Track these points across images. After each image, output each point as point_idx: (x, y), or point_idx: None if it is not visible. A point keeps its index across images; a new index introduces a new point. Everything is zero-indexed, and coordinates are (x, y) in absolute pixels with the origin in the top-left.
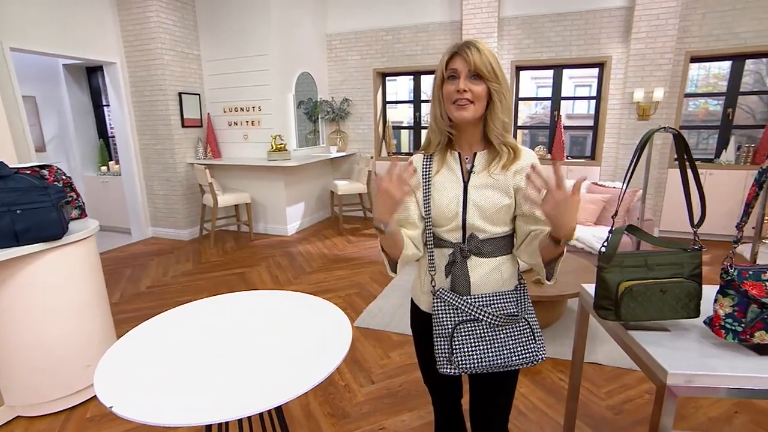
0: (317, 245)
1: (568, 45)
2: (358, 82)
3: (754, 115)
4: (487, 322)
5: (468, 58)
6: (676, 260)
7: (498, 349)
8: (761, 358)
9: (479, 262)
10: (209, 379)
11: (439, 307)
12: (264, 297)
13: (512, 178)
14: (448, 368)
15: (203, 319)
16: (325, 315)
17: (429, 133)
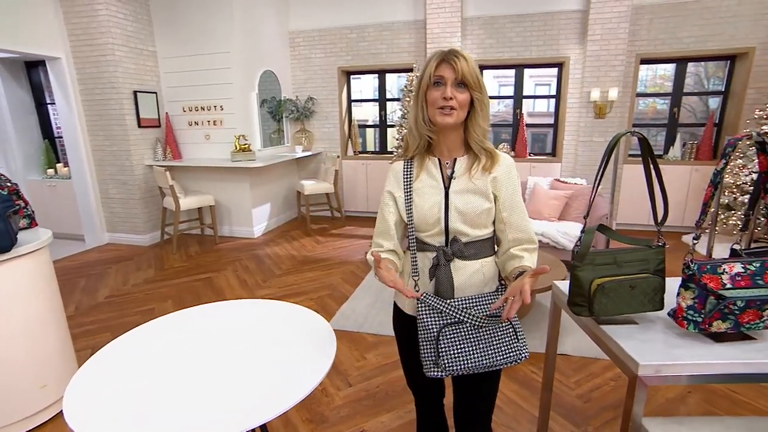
0: (285, 247)
1: (528, 45)
2: (322, 80)
3: (695, 114)
4: (470, 323)
5: (456, 67)
6: (643, 257)
7: (482, 350)
8: (717, 346)
9: (462, 264)
10: (187, 398)
11: (424, 312)
12: (239, 307)
13: (491, 183)
14: (435, 371)
15: (177, 333)
16: (305, 323)
17: (408, 136)
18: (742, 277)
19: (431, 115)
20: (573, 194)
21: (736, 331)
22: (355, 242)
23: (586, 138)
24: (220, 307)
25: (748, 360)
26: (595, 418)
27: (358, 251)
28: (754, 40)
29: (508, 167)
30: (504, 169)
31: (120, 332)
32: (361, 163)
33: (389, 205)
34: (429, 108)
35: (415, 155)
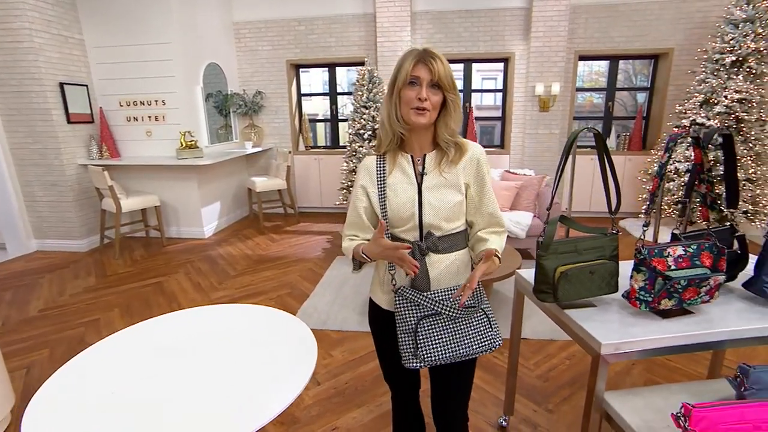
0: (239, 246)
1: (476, 41)
2: (270, 74)
3: (626, 107)
4: (447, 315)
5: (433, 69)
6: (599, 244)
7: (459, 339)
8: (665, 321)
9: (437, 258)
10: (163, 414)
11: (402, 305)
12: (206, 314)
13: (462, 174)
14: (414, 363)
15: (145, 346)
16: (279, 327)
17: (380, 132)
18: (683, 258)
19: (405, 114)
20: (523, 185)
21: (680, 307)
22: (311, 239)
23: (532, 130)
24: (184, 315)
25: (689, 332)
26: (554, 395)
27: (314, 248)
28: (673, 42)
29: (477, 154)
30: (474, 156)
31: (62, 347)
32: (313, 158)
33: (362, 200)
34: (403, 107)
35: (388, 151)
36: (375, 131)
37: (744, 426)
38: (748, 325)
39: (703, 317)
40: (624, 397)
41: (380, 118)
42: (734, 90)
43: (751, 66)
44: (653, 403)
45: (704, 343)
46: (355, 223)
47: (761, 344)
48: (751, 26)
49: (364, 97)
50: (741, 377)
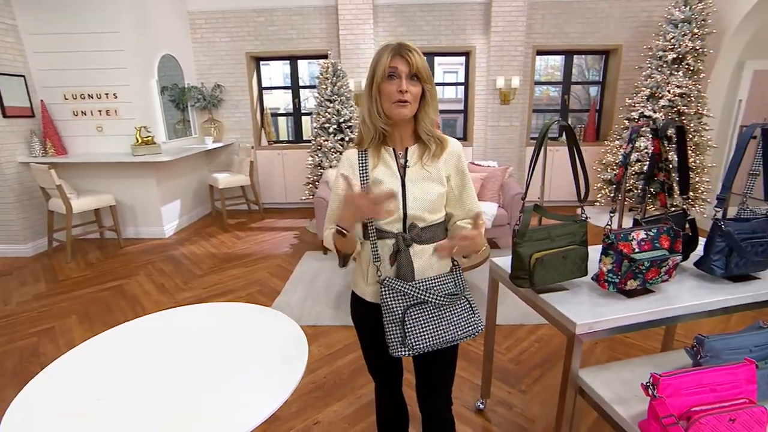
0: (203, 245)
1: (437, 34)
2: (229, 66)
3: (580, 100)
4: (433, 303)
5: (411, 61)
6: (570, 230)
7: (445, 326)
8: (630, 301)
9: (421, 248)
10: (150, 422)
11: (388, 295)
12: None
13: (443, 167)
14: (401, 351)
15: (126, 351)
16: (269, 324)
17: (361, 128)
18: (645, 241)
19: (387, 108)
20: (487, 176)
21: (643, 287)
22: (278, 235)
23: (494, 123)
24: (166, 316)
25: (651, 309)
26: (526, 377)
27: (281, 244)
28: (621, 39)
29: (458, 150)
30: (454, 151)
31: (12, 359)
32: (277, 153)
33: (340, 190)
34: (384, 101)
35: (370, 146)
36: (340, 125)
37: (702, 389)
38: (699, 300)
39: (662, 295)
40: (595, 372)
41: (360, 116)
42: (676, 85)
43: (689, 63)
44: (621, 376)
45: (664, 319)
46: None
47: (710, 317)
48: (689, 26)
49: (328, 91)
50: (697, 347)
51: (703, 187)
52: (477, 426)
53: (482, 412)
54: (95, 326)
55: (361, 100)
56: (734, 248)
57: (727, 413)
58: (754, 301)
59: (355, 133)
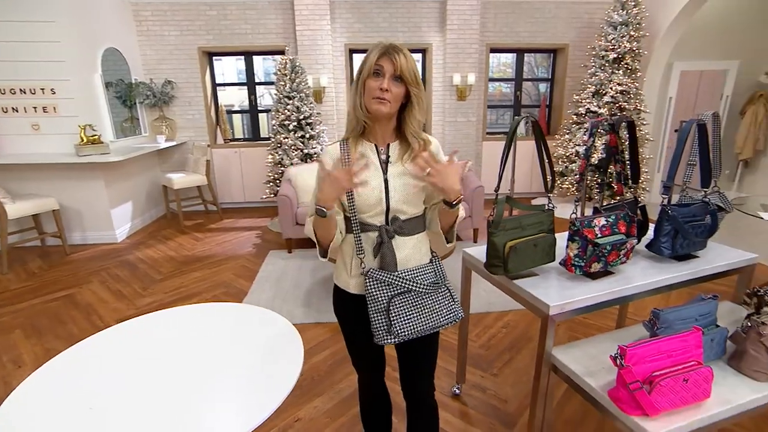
0: (160, 248)
1: (395, 31)
2: (180, 61)
3: (531, 96)
4: (417, 291)
5: (395, 62)
6: (539, 219)
7: (428, 314)
8: (594, 282)
9: (402, 240)
10: (143, 424)
11: (372, 286)
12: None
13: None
14: (387, 339)
15: (109, 359)
16: (259, 323)
17: (348, 119)
18: (605, 227)
19: (367, 102)
20: None
21: (605, 269)
22: (239, 235)
23: (451, 119)
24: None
25: (613, 289)
26: (497, 360)
27: (244, 244)
28: (568, 39)
29: (437, 146)
30: (434, 148)
31: None
32: (233, 151)
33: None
34: (366, 96)
35: (350, 138)
36: (300, 122)
37: (660, 356)
38: (652, 278)
39: (621, 276)
40: (565, 350)
41: (347, 108)
42: (617, 83)
43: (628, 63)
44: (588, 352)
45: (623, 297)
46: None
47: (661, 293)
48: (626, 29)
49: (287, 87)
50: (654, 320)
51: (642, 177)
52: (455, 410)
53: (458, 396)
54: (46, 340)
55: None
56: (679, 231)
57: (681, 375)
58: (694, 278)
59: (315, 129)
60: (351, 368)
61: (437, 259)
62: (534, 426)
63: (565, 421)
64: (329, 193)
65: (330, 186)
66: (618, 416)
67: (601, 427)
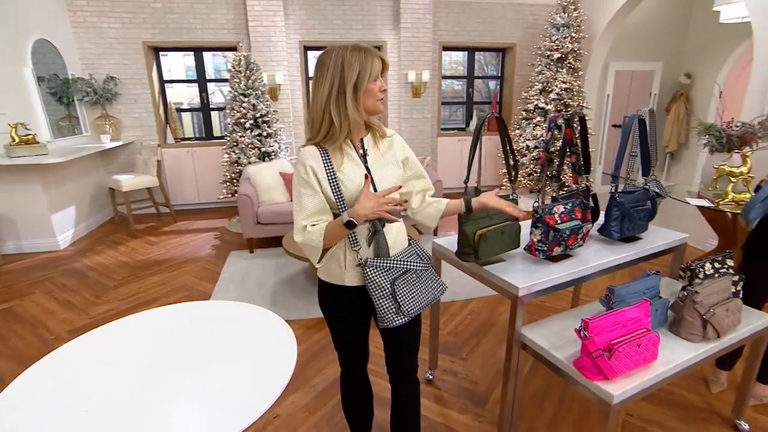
0: (110, 254)
1: (349, 28)
2: (123, 56)
3: (481, 93)
4: (414, 270)
5: (386, 64)
6: None
7: (425, 289)
8: (555, 265)
9: (390, 227)
10: (134, 422)
11: (374, 274)
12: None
13: (398, 152)
14: (398, 320)
15: (97, 361)
16: (249, 320)
17: (336, 124)
18: (564, 214)
19: (371, 105)
20: None
21: (565, 252)
22: (196, 237)
23: (407, 115)
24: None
25: (573, 270)
26: (464, 346)
27: (202, 246)
28: (515, 38)
29: (399, 140)
30: (396, 137)
31: None
32: (185, 151)
33: (317, 185)
34: (369, 100)
35: (328, 143)
36: (257, 120)
37: (617, 326)
38: (605, 259)
39: (578, 258)
40: (532, 328)
41: (323, 116)
42: (561, 81)
43: (570, 62)
44: (552, 329)
45: (581, 277)
46: (321, 209)
47: (610, 273)
48: (568, 30)
49: (242, 85)
50: (609, 295)
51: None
52: (429, 394)
53: (432, 381)
54: None
55: (320, 101)
56: (626, 215)
57: (635, 341)
58: (639, 257)
59: (272, 127)
60: (324, 363)
61: (414, 241)
62: (506, 401)
63: (530, 396)
64: (368, 213)
65: (371, 207)
66: (583, 383)
67: (563, 398)
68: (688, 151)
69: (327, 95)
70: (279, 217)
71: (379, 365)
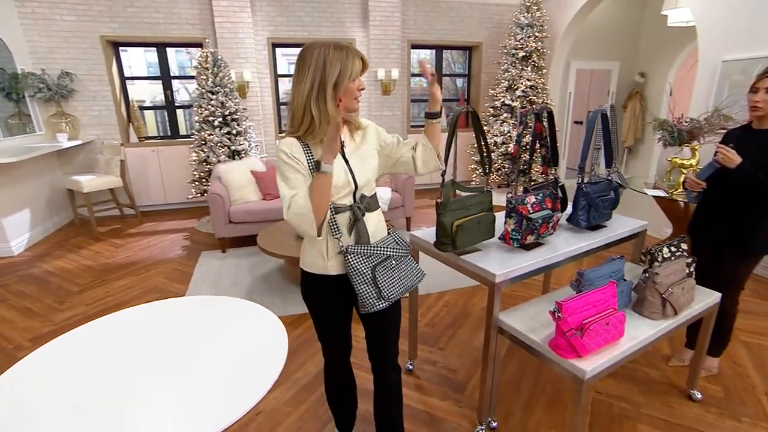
0: (72, 258)
1: (318, 26)
2: (80, 51)
3: (449, 91)
4: (394, 256)
5: (366, 64)
6: (480, 200)
7: (405, 275)
8: (528, 253)
9: (369, 216)
10: (122, 416)
11: (355, 261)
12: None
13: (372, 142)
14: (379, 305)
15: (87, 357)
16: (238, 315)
17: (316, 119)
18: (536, 204)
19: (349, 104)
20: None
21: (537, 240)
22: (165, 238)
23: (377, 112)
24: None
25: (545, 257)
26: (442, 336)
27: (172, 247)
28: (481, 37)
29: (373, 125)
30: (370, 125)
31: None
32: (150, 150)
33: (297, 165)
34: (348, 98)
35: (308, 136)
36: (225, 118)
37: (587, 307)
38: (574, 246)
39: (550, 246)
40: (508, 314)
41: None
42: (527, 79)
43: (535, 60)
44: (527, 314)
45: (553, 264)
46: (301, 184)
47: (580, 259)
48: (531, 30)
49: (209, 82)
50: (579, 279)
51: None
52: (410, 384)
53: (412, 371)
54: None
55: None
56: (592, 204)
57: (604, 319)
58: (604, 243)
59: (242, 125)
60: (305, 358)
61: (393, 230)
62: (485, 385)
63: (507, 380)
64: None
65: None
66: (558, 361)
67: (537, 380)
68: (644, 145)
69: (308, 91)
70: (251, 215)
71: (359, 358)
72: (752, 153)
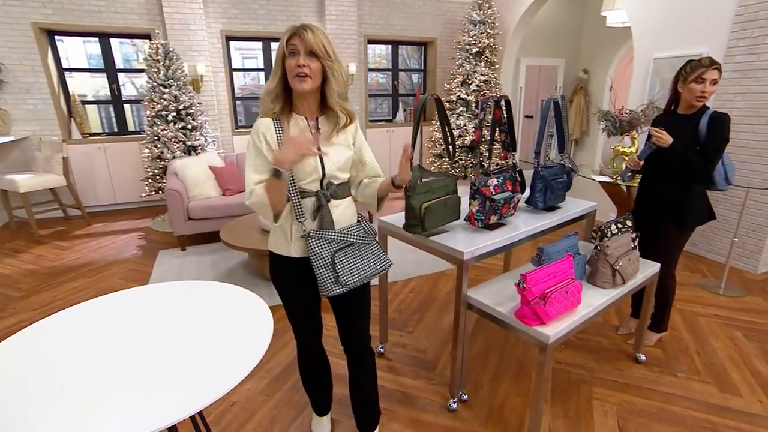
0: (9, 263)
1: (273, 19)
2: (8, 38)
3: (405, 86)
4: (357, 244)
5: (305, 39)
6: (445, 184)
7: (367, 263)
8: (492, 232)
9: (336, 203)
10: (99, 397)
11: (316, 245)
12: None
13: (350, 135)
14: (336, 289)
15: (73, 339)
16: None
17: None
18: (498, 186)
19: (291, 82)
20: None
21: (499, 220)
22: (117, 239)
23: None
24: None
25: (507, 235)
26: (409, 320)
27: (126, 247)
28: (435, 33)
29: (355, 125)
30: (352, 127)
31: None
32: (96, 147)
33: (265, 151)
34: (289, 75)
35: (281, 115)
36: (179, 112)
37: (548, 278)
38: (533, 226)
39: (511, 226)
40: (476, 290)
41: (266, 89)
42: (480, 74)
43: (488, 56)
44: (493, 289)
45: (514, 242)
46: (266, 170)
47: (537, 238)
48: (484, 26)
49: (161, 75)
50: (539, 254)
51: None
52: (383, 366)
53: (384, 354)
54: None
55: (272, 74)
56: (548, 187)
57: (563, 288)
58: (560, 223)
59: (198, 120)
60: (276, 349)
61: (364, 219)
62: (456, 359)
63: (475, 355)
64: (289, 156)
65: (291, 149)
66: (524, 329)
67: (503, 354)
68: (589, 137)
69: (273, 69)
70: (212, 211)
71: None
72: (678, 133)
